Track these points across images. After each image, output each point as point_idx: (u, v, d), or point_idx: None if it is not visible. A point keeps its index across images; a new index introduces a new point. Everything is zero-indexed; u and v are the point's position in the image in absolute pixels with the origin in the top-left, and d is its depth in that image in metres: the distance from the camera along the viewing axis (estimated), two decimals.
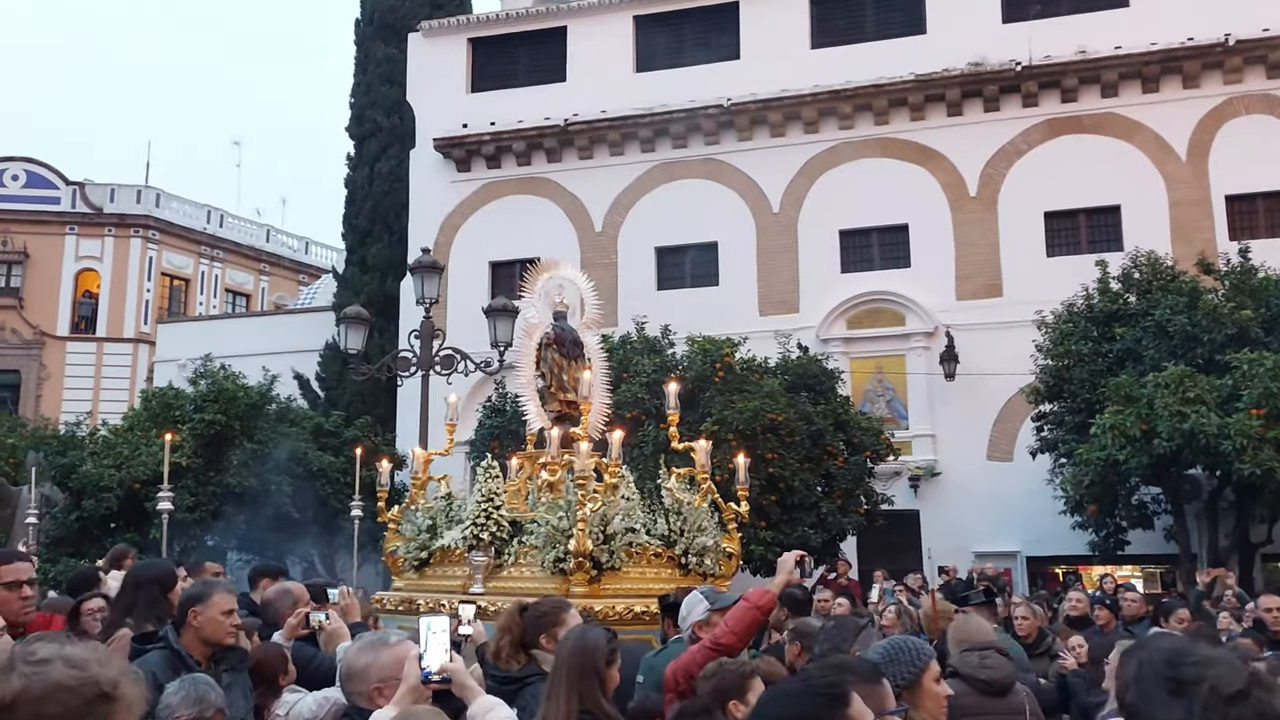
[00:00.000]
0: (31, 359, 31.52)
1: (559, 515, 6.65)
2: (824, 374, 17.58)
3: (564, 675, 3.84)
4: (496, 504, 6.86)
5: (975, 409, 20.21)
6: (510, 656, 4.59)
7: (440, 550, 7.24)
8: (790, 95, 22.25)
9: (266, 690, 4.78)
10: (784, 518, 15.86)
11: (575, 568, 6.44)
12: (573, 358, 7.72)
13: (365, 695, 3.37)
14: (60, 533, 18.86)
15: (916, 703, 3.51)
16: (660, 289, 22.68)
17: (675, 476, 7.26)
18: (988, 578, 15.48)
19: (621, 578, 6.59)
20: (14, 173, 32.53)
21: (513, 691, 4.27)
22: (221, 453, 19.80)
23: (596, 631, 4.13)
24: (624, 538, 6.68)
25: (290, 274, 36.78)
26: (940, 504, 20.20)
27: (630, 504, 6.96)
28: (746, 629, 4.58)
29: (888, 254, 21.78)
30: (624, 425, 15.83)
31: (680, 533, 7.02)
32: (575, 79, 23.81)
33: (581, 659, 3.86)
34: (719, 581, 6.98)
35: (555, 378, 7.69)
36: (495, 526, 6.80)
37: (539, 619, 4.64)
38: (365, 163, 25.74)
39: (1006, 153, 21.44)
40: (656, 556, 6.94)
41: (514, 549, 6.86)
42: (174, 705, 3.76)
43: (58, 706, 1.57)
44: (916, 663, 3.60)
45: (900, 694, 3.43)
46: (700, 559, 7.00)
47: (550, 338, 7.79)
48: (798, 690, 2.34)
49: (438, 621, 3.32)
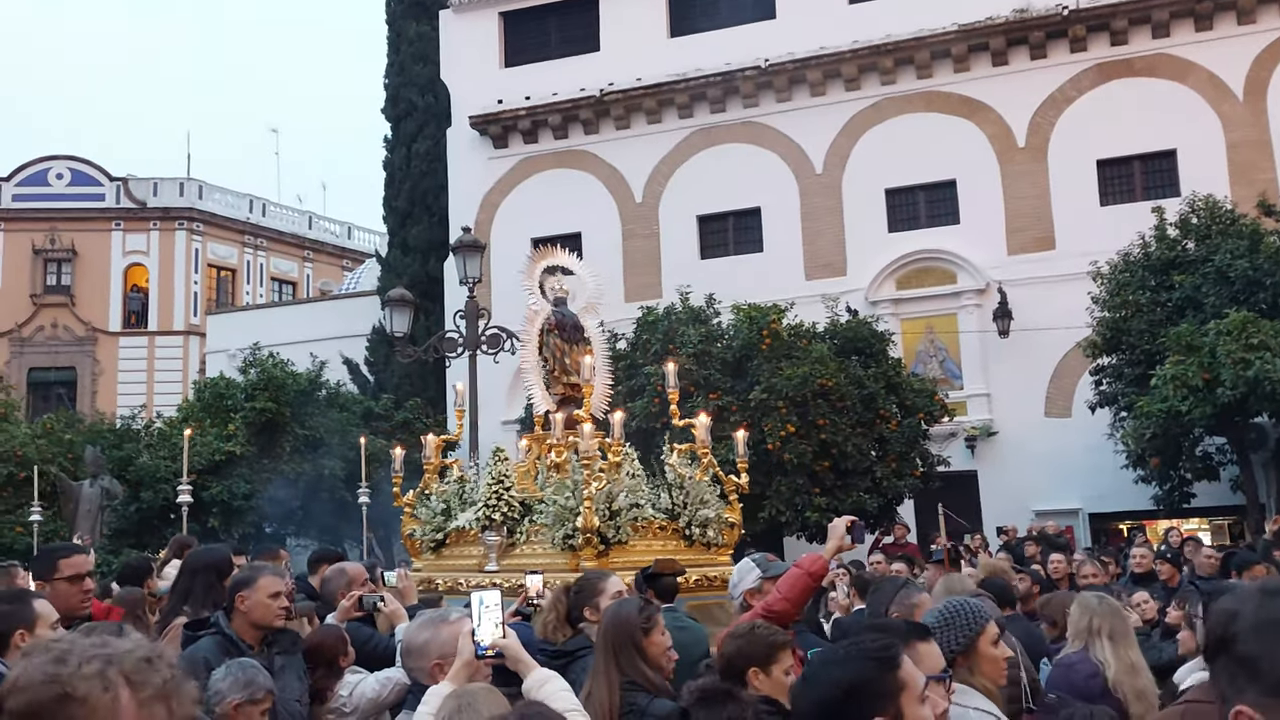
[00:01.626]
0: (85, 355, 32.03)
1: (566, 494, 6.88)
2: (874, 336, 17.33)
3: (602, 652, 3.92)
4: (507, 485, 7.13)
5: (1031, 365, 19.83)
6: (556, 630, 4.70)
7: (455, 531, 7.50)
8: (829, 52, 21.81)
9: (328, 672, 4.80)
10: (838, 483, 15.71)
11: (584, 543, 6.71)
12: (574, 342, 7.90)
13: (426, 671, 3.44)
14: (121, 524, 19.15)
15: (974, 666, 3.41)
16: (703, 258, 22.45)
17: (677, 452, 7.52)
18: (1049, 537, 15.24)
19: (629, 551, 6.83)
20: (58, 171, 32.96)
21: (564, 665, 4.29)
22: (274, 440, 19.98)
23: (629, 604, 4.13)
24: (629, 513, 6.93)
25: (334, 260, 37.00)
26: (998, 464, 19.89)
27: (634, 481, 7.18)
28: (800, 595, 4.54)
29: (935, 211, 21.37)
30: (670, 397, 15.81)
31: (683, 506, 7.29)
32: (609, 48, 23.53)
33: (615, 633, 3.91)
34: (720, 551, 7.33)
35: (557, 362, 7.88)
36: (506, 507, 7.07)
37: (579, 593, 4.73)
38: (402, 144, 25.68)
39: (1055, 101, 20.88)
40: (661, 529, 7.22)
41: (525, 528, 7.14)
42: (223, 690, 3.81)
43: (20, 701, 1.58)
44: (974, 625, 3.47)
45: (957, 657, 3.36)
46: (703, 530, 7.29)
47: (551, 323, 7.96)
48: (849, 655, 2.31)
49: (490, 596, 3.33)
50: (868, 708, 2.19)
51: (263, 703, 3.87)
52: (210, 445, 19.21)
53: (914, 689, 2.26)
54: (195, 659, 4.22)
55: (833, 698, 2.22)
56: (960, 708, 3.17)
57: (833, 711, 2.22)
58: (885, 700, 2.21)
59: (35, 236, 32.21)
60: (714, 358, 16.23)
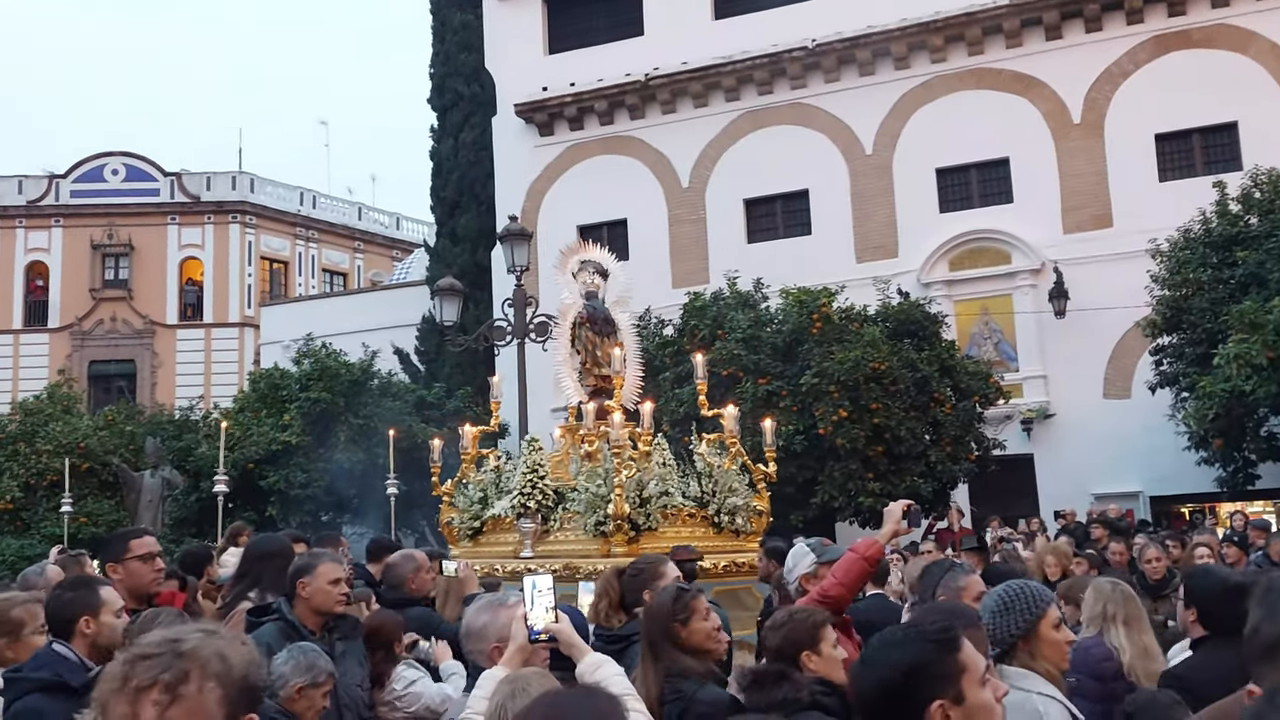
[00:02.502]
0: (144, 348, 32.61)
1: (598, 482, 7.09)
2: (927, 319, 17.10)
3: (643, 645, 3.94)
4: (541, 474, 7.37)
5: (1088, 346, 19.47)
6: (609, 616, 4.73)
7: (492, 519, 7.75)
8: (878, 31, 21.50)
9: (386, 656, 4.88)
10: (891, 468, 15.54)
11: (615, 530, 6.92)
12: (604, 335, 8.15)
13: (485, 654, 3.49)
14: (182, 514, 19.47)
15: (1035, 651, 3.33)
16: (751, 242, 22.29)
17: (706, 442, 7.71)
18: (1109, 520, 14.97)
19: (659, 537, 6.99)
20: (114, 167, 33.53)
21: (619, 650, 4.31)
22: (329, 429, 20.16)
23: (665, 594, 4.11)
24: (659, 500, 7.14)
25: (384, 250, 37.29)
26: (1055, 446, 19.58)
27: (664, 469, 7.40)
28: (855, 580, 4.49)
29: (988, 190, 21.03)
30: (721, 382, 15.73)
31: (712, 494, 7.47)
32: (653, 31, 23.39)
33: (650, 625, 3.93)
34: (749, 538, 7.52)
35: (589, 354, 8.14)
36: (540, 495, 7.32)
37: (635, 577, 4.75)
38: (449, 134, 25.74)
39: (1111, 75, 20.41)
40: (690, 517, 7.40)
41: (559, 515, 7.39)
42: (286, 674, 3.88)
43: None
44: (1035, 608, 3.38)
45: (1018, 642, 3.31)
46: (732, 517, 7.47)
47: (583, 316, 8.21)
48: (908, 637, 2.29)
49: (543, 580, 3.33)
50: (928, 690, 2.16)
51: (324, 686, 3.95)
52: (267, 435, 19.45)
53: (975, 671, 2.22)
54: (258, 644, 4.25)
55: (892, 680, 2.19)
56: (1022, 692, 3.12)
57: (893, 694, 2.19)
58: (946, 683, 2.18)
59: (93, 232, 32.82)
60: (763, 342, 16.11)
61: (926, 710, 2.15)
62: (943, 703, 2.15)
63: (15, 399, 23.70)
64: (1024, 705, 3.10)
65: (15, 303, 32.82)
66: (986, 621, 3.35)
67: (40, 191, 33.36)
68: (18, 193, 33.40)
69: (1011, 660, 3.30)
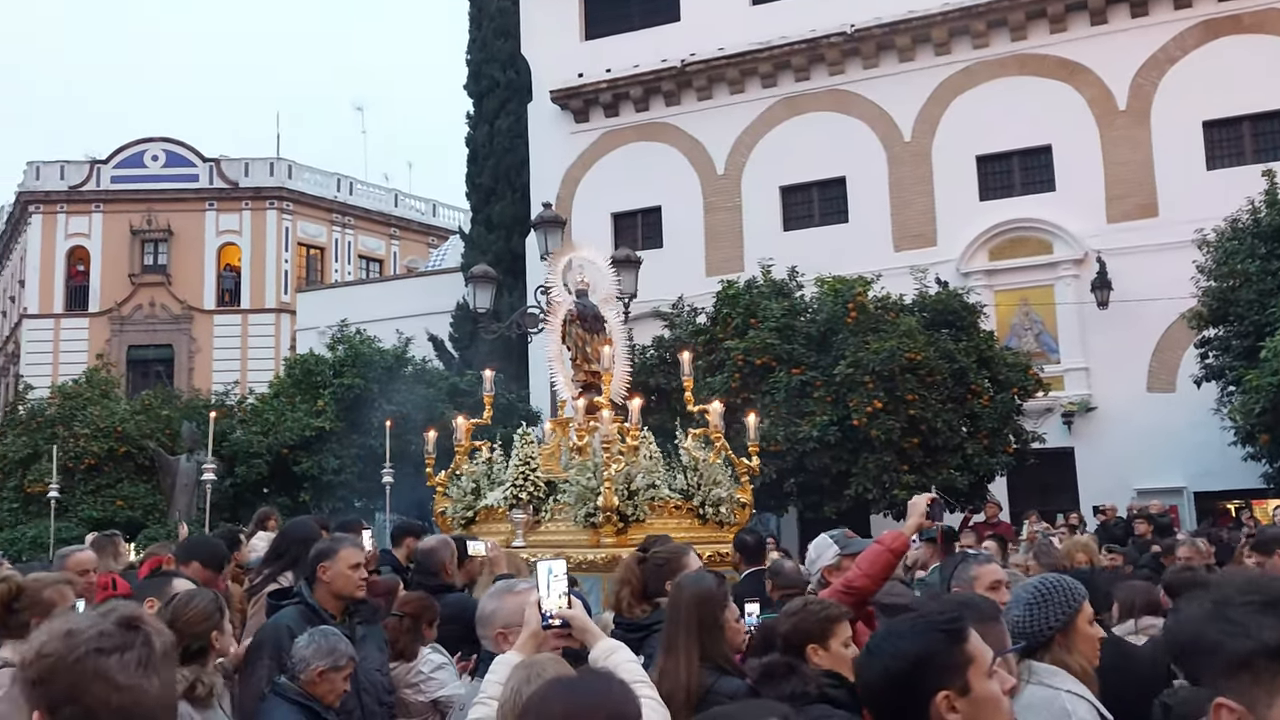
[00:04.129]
0: (182, 333, 32.90)
1: (588, 475, 7.35)
2: (965, 309, 16.82)
3: (683, 627, 3.81)
4: (533, 466, 7.66)
5: (1132, 338, 19.09)
6: (632, 605, 4.73)
7: (484, 509, 7.99)
8: (919, 16, 21.15)
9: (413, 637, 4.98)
10: (927, 460, 15.32)
11: (604, 521, 7.19)
12: (594, 332, 8.40)
13: (492, 640, 3.53)
14: (216, 499, 19.53)
15: (1070, 645, 3.26)
16: (787, 230, 22.07)
17: (691, 436, 8.03)
18: (1151, 516, 14.66)
19: (646, 528, 7.12)
20: (154, 153, 33.80)
21: (640, 639, 4.29)
22: (362, 415, 20.18)
23: (708, 579, 4.07)
24: (646, 493, 7.44)
25: (420, 237, 37.35)
26: (1097, 440, 19.24)
27: (651, 463, 7.71)
28: (880, 571, 4.45)
29: (1030, 178, 20.66)
30: (754, 371, 15.55)
31: (697, 487, 7.76)
32: (690, 17, 23.17)
33: (701, 609, 3.84)
34: (732, 529, 7.77)
35: (579, 350, 8.39)
36: (532, 487, 7.61)
37: (660, 567, 4.71)
38: (485, 120, 25.67)
39: (1158, 60, 19.96)
40: (677, 508, 7.71)
41: (550, 506, 7.67)
42: (308, 656, 3.95)
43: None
44: (1070, 603, 3.32)
45: (1053, 636, 3.25)
46: (716, 509, 7.77)
47: (574, 314, 8.44)
48: (915, 627, 2.27)
49: (558, 565, 3.29)
50: (935, 680, 2.16)
51: (345, 669, 4.00)
52: (301, 421, 19.51)
53: (982, 663, 2.21)
54: (279, 627, 4.42)
55: (899, 669, 2.18)
56: (1050, 689, 3.06)
57: (899, 683, 2.18)
58: (953, 673, 2.17)
59: (133, 217, 33.11)
60: (798, 332, 15.91)
61: (932, 701, 2.14)
62: (948, 693, 2.14)
63: (55, 383, 23.89)
64: (1052, 703, 3.04)
65: (57, 287, 33.21)
66: (1020, 615, 3.29)
67: (82, 177, 33.70)
68: (60, 178, 33.77)
69: (1044, 655, 3.22)
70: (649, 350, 17.43)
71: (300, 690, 3.94)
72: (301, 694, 3.95)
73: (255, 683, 4.31)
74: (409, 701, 4.91)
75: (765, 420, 15.11)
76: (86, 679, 1.66)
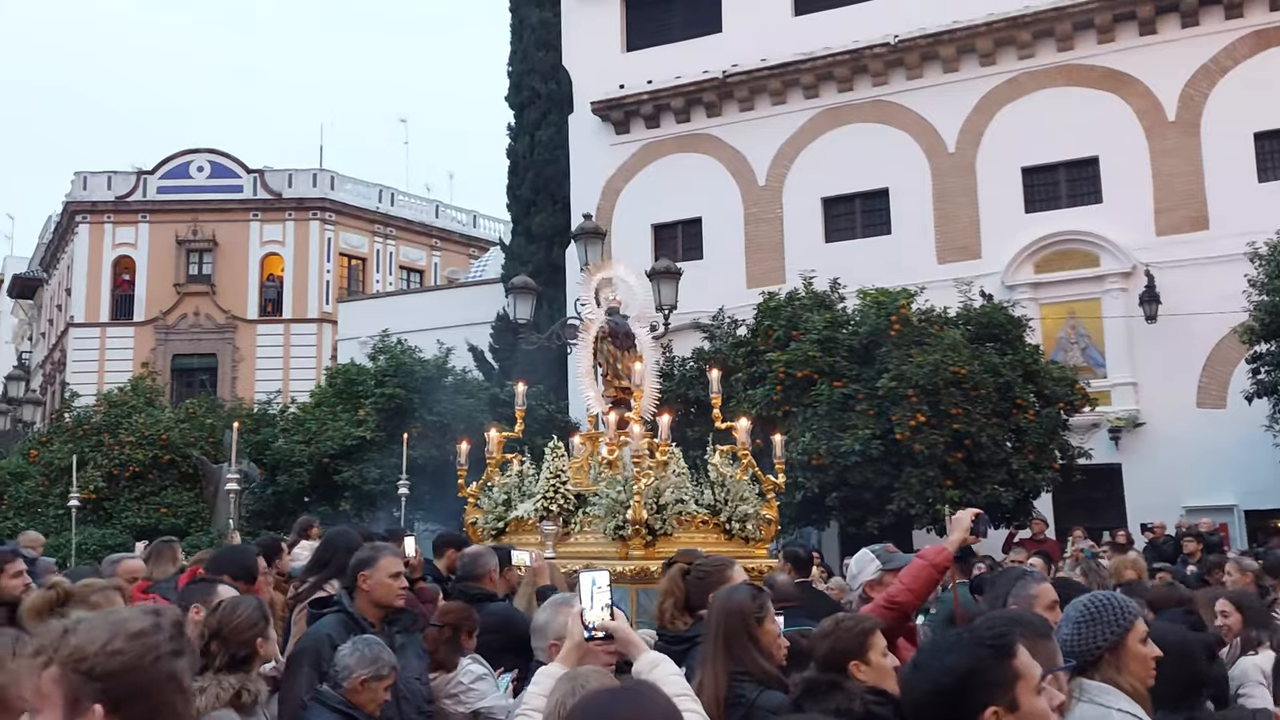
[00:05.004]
0: (226, 342, 33.22)
1: (617, 489, 7.50)
2: (1010, 322, 16.62)
3: (713, 641, 3.83)
4: (563, 479, 7.80)
5: (1181, 352, 18.76)
6: (675, 618, 4.72)
7: (515, 520, 8.13)
8: (963, 26, 20.97)
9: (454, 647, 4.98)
10: (971, 475, 15.12)
11: (633, 534, 7.33)
12: (625, 349, 8.56)
13: (545, 651, 3.58)
14: (258, 507, 19.70)
15: (1120, 665, 3.20)
16: (829, 241, 21.91)
17: (719, 453, 8.12)
18: (1200, 534, 14.36)
19: (673, 542, 7.33)
20: (199, 164, 34.20)
21: (682, 651, 4.29)
22: (403, 425, 20.23)
23: (741, 590, 4.07)
24: (674, 507, 7.57)
25: (460, 248, 37.53)
26: (1145, 456, 18.90)
27: (680, 478, 7.84)
28: (923, 586, 4.41)
29: (1077, 190, 20.38)
30: (796, 384, 15.42)
31: (724, 502, 7.87)
32: (732, 28, 23.12)
33: (729, 621, 3.84)
34: (757, 545, 7.94)
35: (610, 367, 8.58)
36: (562, 499, 7.73)
37: (702, 579, 4.69)
38: (525, 131, 25.74)
39: (1209, 71, 19.64)
40: (704, 523, 7.83)
41: (579, 519, 7.78)
42: (351, 665, 3.99)
43: None
44: (1122, 621, 3.25)
45: (1103, 654, 3.20)
46: (742, 525, 7.86)
47: (605, 331, 8.64)
48: (963, 641, 2.29)
49: (600, 576, 3.28)
50: (983, 696, 2.16)
51: (387, 679, 4.04)
52: (342, 430, 19.59)
53: (1030, 679, 2.21)
54: (319, 636, 4.46)
55: (948, 685, 2.18)
56: (1101, 708, 3.02)
57: (947, 699, 2.18)
58: (1001, 689, 2.17)
59: (178, 228, 33.49)
60: (840, 344, 15.77)
61: (980, 716, 2.14)
62: (997, 709, 2.13)
63: (100, 391, 24.19)
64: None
65: (103, 296, 33.65)
66: (1070, 632, 3.24)
67: (128, 187, 34.15)
68: (107, 189, 34.24)
69: (1094, 674, 3.16)
70: (689, 362, 17.34)
71: (342, 699, 3.97)
72: (343, 702, 3.98)
73: (295, 691, 4.34)
74: (449, 712, 4.90)
75: (807, 434, 14.98)
76: (161, 680, 1.74)
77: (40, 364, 39.33)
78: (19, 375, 25.70)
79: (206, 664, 3.74)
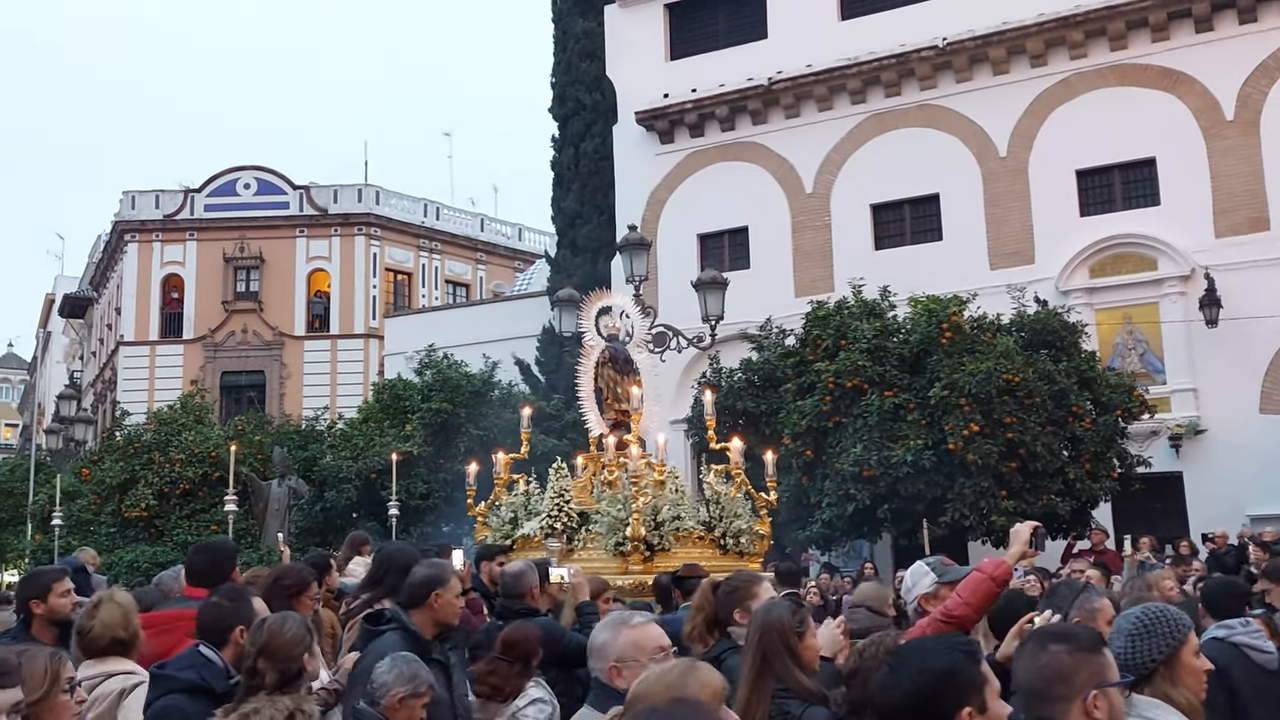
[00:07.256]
0: (273, 359, 33.48)
1: (618, 507, 7.95)
2: (1065, 328, 16.28)
3: (752, 658, 3.80)
4: (567, 498, 8.26)
5: (1243, 357, 18.27)
6: (704, 634, 4.73)
7: (521, 538, 8.52)
8: (1013, 28, 20.60)
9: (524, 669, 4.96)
10: (1026, 485, 14.78)
11: (632, 550, 7.75)
12: (625, 373, 9.03)
13: (605, 672, 3.56)
14: (307, 523, 19.73)
15: (1174, 678, 3.19)
16: (878, 248, 21.61)
17: (714, 472, 8.63)
18: (1265, 543, 13.87)
19: (671, 557, 7.80)
20: (246, 181, 34.56)
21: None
22: (450, 440, 20.21)
23: (780, 606, 4.04)
24: (672, 524, 8.01)
25: (506, 261, 37.59)
26: (1206, 464, 18.39)
27: (677, 496, 8.32)
28: (982, 600, 4.33)
29: (1132, 192, 19.92)
30: (845, 394, 15.14)
31: (719, 519, 8.32)
32: (777, 34, 22.92)
33: (768, 637, 3.82)
34: (751, 559, 8.31)
35: (610, 391, 9.04)
36: (566, 517, 8.17)
37: (730, 594, 4.71)
38: (570, 143, 25.67)
39: (1268, 69, 19.13)
40: (700, 539, 8.27)
41: (582, 535, 8.23)
42: (389, 682, 3.97)
43: None
44: (1175, 634, 3.24)
45: (1157, 668, 3.19)
46: (736, 540, 8.28)
47: (605, 356, 9.13)
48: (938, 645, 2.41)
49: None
50: (959, 697, 2.27)
51: (424, 697, 4.02)
52: (389, 446, 19.57)
53: (994, 684, 2.35)
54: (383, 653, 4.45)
55: (927, 684, 2.28)
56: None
57: (927, 698, 2.27)
58: (974, 691, 2.29)
59: (226, 245, 33.86)
60: (890, 353, 15.48)
61: (956, 716, 2.24)
62: (971, 710, 2.25)
63: (151, 409, 24.43)
64: None
65: (152, 314, 34.08)
66: (1122, 646, 3.19)
67: (176, 206, 34.60)
68: (155, 207, 34.71)
69: (1147, 688, 3.11)
70: (737, 374, 17.12)
71: (380, 716, 3.98)
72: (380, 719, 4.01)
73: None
74: None
75: (858, 445, 14.71)
76: None
77: (91, 383, 39.91)
78: (70, 394, 26.00)
79: (256, 683, 3.67)
